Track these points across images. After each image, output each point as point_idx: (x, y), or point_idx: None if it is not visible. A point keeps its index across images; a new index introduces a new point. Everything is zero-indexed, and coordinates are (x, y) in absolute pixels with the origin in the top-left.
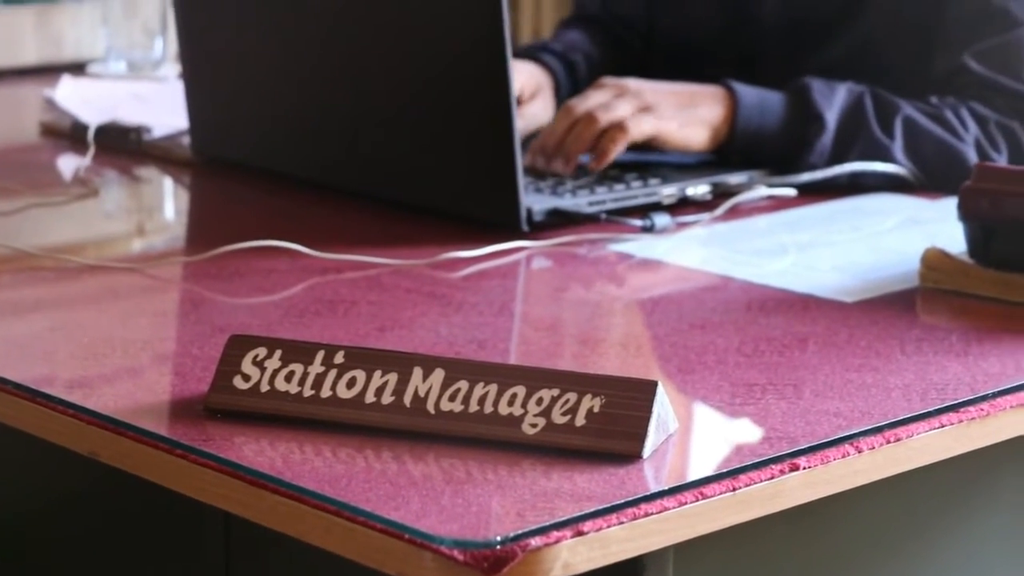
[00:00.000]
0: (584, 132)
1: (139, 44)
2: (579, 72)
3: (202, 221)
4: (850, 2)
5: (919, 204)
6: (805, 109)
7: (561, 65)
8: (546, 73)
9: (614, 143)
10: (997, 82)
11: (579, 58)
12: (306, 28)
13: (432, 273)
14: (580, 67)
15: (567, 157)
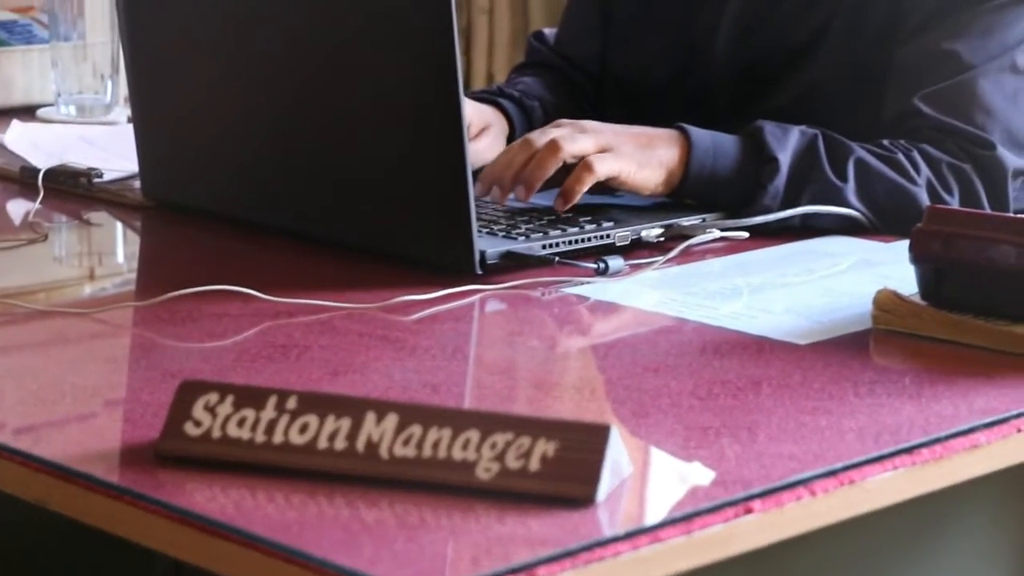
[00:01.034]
0: (547, 161)
1: (89, 88)
2: (535, 116)
3: (153, 265)
4: (801, 46)
5: (872, 246)
6: (758, 151)
7: (517, 109)
8: (500, 114)
9: (580, 183)
10: (948, 125)
11: (535, 104)
12: (257, 72)
13: (385, 317)
14: (536, 112)
15: (528, 186)
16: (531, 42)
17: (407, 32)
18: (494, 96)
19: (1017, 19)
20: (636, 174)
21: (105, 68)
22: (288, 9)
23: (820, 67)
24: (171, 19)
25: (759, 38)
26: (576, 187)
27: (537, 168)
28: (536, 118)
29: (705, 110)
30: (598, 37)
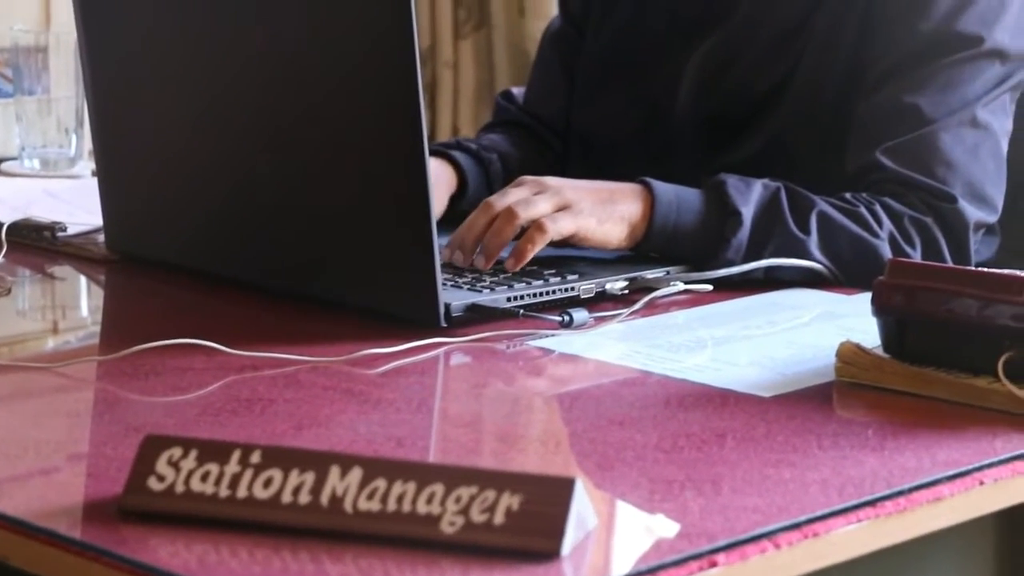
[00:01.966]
0: (503, 228)
1: (54, 142)
2: (493, 169)
3: (117, 319)
4: (763, 99)
5: (835, 299)
6: (722, 205)
7: (472, 162)
8: (447, 169)
9: (532, 243)
10: (910, 178)
11: (494, 156)
12: (222, 126)
13: (350, 370)
14: (495, 164)
15: (487, 254)
16: (499, 101)
17: (372, 87)
18: (446, 149)
19: (977, 74)
20: (596, 230)
21: (69, 122)
22: (253, 64)
23: (782, 120)
24: (136, 74)
25: (721, 92)
26: (527, 248)
27: (494, 236)
28: (494, 171)
29: (669, 164)
30: (564, 95)
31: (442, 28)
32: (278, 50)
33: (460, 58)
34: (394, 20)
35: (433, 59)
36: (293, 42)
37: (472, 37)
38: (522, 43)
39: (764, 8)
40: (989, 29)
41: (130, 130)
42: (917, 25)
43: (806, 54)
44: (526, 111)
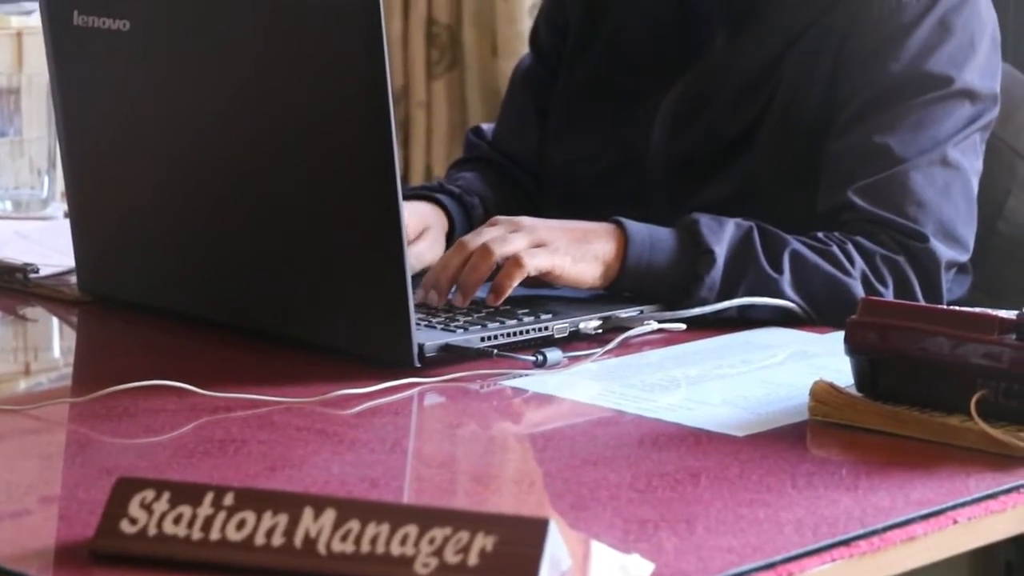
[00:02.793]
0: (480, 265)
1: (26, 183)
2: (475, 214)
3: (89, 361)
4: (735, 139)
5: (808, 338)
6: (694, 244)
7: (458, 206)
8: (439, 212)
9: (510, 278)
10: (881, 217)
11: (476, 200)
12: (195, 168)
13: (323, 411)
14: (477, 209)
15: (464, 291)
16: (469, 137)
17: (345, 127)
18: (433, 192)
19: (947, 114)
20: (571, 268)
21: (42, 163)
22: (225, 104)
23: (754, 160)
24: (108, 116)
25: (693, 132)
26: (506, 283)
27: (471, 273)
28: (476, 215)
29: (642, 204)
30: (535, 133)
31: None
32: (250, 91)
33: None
34: (367, 60)
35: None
36: (265, 82)
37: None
38: (495, 83)
39: (737, 50)
40: (959, 70)
41: (102, 171)
42: (888, 66)
43: (778, 95)
44: (496, 148)
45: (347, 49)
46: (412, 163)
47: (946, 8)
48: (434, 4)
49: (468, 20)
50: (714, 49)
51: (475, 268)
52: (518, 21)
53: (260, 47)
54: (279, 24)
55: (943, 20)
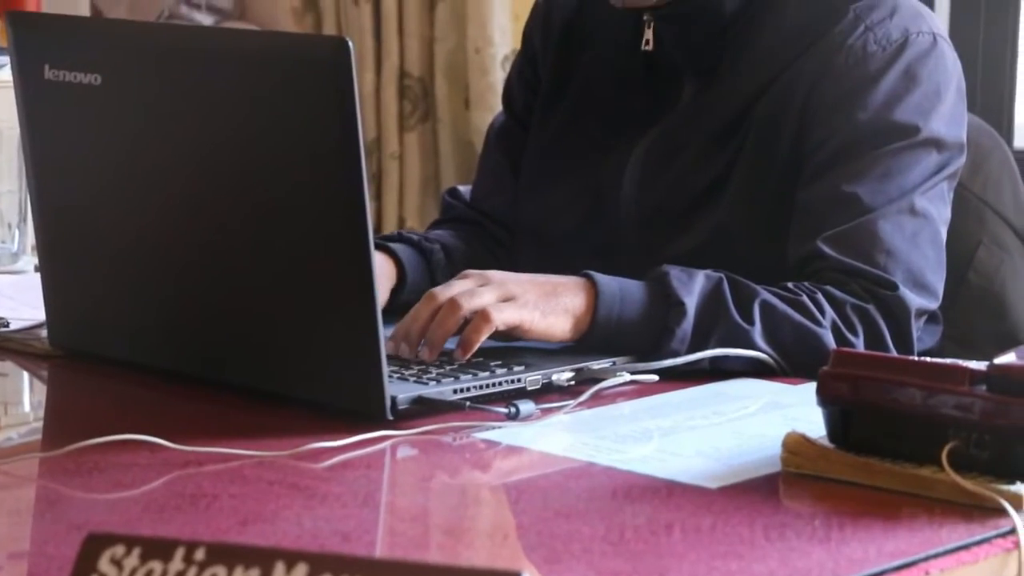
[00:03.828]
0: (447, 319)
1: None
2: (435, 259)
3: (60, 415)
4: (705, 190)
5: (780, 388)
6: (665, 296)
7: (413, 252)
8: (388, 260)
9: (478, 332)
10: (851, 266)
11: (436, 247)
12: (166, 221)
13: (295, 464)
14: (437, 254)
15: (431, 345)
16: (445, 198)
17: (317, 179)
18: (385, 241)
19: (914, 162)
20: (540, 322)
21: (12, 217)
22: (198, 159)
23: (724, 211)
24: (79, 169)
25: (664, 184)
26: (473, 337)
27: (438, 327)
28: (436, 260)
29: (614, 255)
30: (511, 189)
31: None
32: (223, 144)
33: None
34: (339, 113)
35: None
36: (238, 136)
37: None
38: (467, 135)
39: (705, 102)
40: (925, 119)
41: (73, 225)
42: (855, 115)
43: (747, 146)
44: (473, 207)
45: (319, 102)
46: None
47: (912, 58)
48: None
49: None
50: (683, 101)
51: (443, 322)
52: (490, 73)
53: (232, 100)
54: (251, 77)
55: (909, 70)
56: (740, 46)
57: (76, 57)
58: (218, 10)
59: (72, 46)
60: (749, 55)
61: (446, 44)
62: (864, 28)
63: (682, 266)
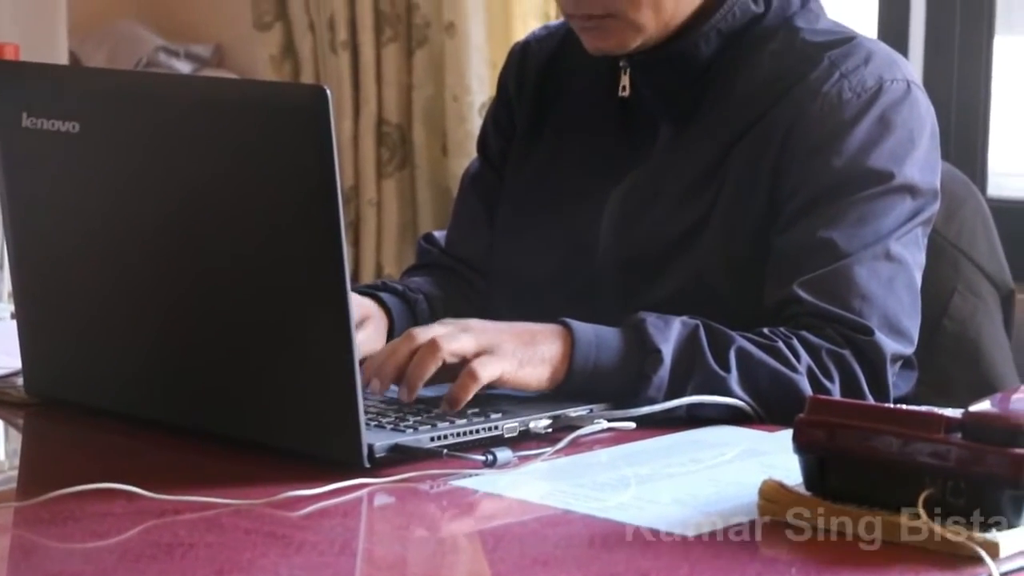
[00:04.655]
0: (427, 359)
1: None
2: (420, 309)
3: (35, 464)
4: (681, 237)
5: (757, 436)
6: (641, 343)
7: (399, 302)
8: (378, 306)
9: (465, 391)
10: (826, 311)
11: (420, 297)
12: (143, 269)
13: (272, 512)
14: (421, 304)
15: (410, 385)
16: (421, 244)
17: (294, 226)
18: (375, 290)
19: (889, 208)
20: (518, 372)
21: None
22: (176, 206)
23: (700, 258)
24: (56, 217)
25: (640, 230)
26: (461, 395)
27: (417, 367)
28: (420, 311)
29: (591, 302)
30: (486, 235)
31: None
32: (200, 191)
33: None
34: (317, 160)
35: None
36: (215, 183)
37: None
38: (445, 182)
39: (681, 148)
40: (899, 165)
41: (50, 273)
42: (830, 161)
43: (723, 192)
44: (448, 253)
45: (297, 150)
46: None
47: (886, 105)
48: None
49: (418, 120)
50: (659, 147)
51: (422, 362)
52: (468, 121)
53: (210, 149)
54: (229, 125)
55: (883, 116)
56: (716, 93)
57: (54, 105)
58: (197, 58)
59: (50, 94)
60: (725, 102)
61: (424, 92)
62: (839, 75)
63: (659, 312)
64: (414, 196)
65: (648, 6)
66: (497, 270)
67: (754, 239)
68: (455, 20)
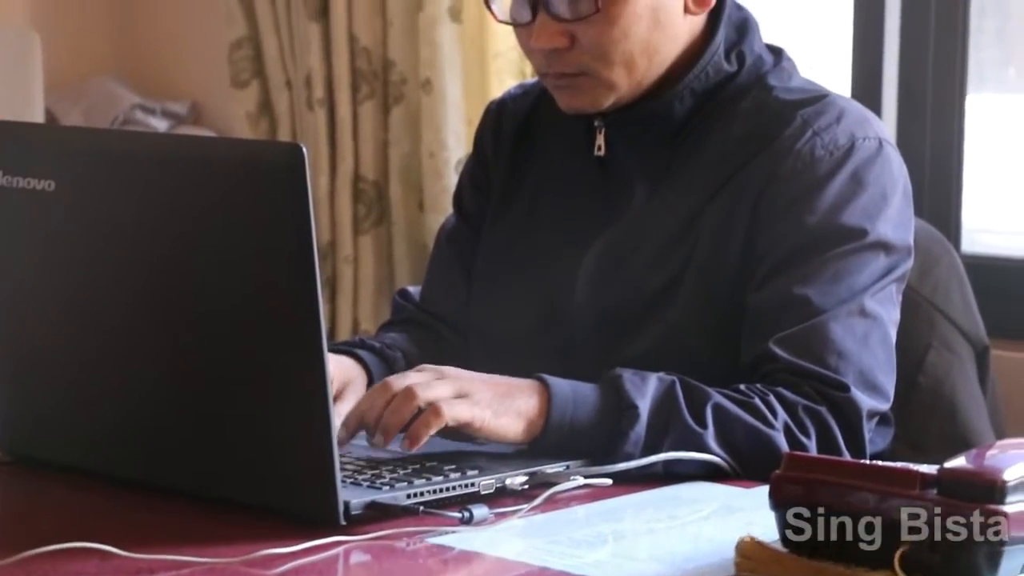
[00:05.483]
0: (402, 408)
1: None
2: (397, 367)
3: (9, 523)
4: (657, 293)
5: (734, 492)
6: (618, 400)
7: (378, 360)
8: (359, 367)
9: (427, 427)
10: (802, 368)
11: (398, 355)
12: (117, 328)
13: (248, 571)
14: (399, 362)
15: (385, 433)
16: (396, 300)
17: (270, 283)
18: (353, 348)
19: (863, 265)
20: (492, 422)
21: None
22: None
23: (677, 314)
24: (31, 276)
25: (616, 287)
26: (422, 431)
27: (393, 415)
28: (398, 368)
29: (567, 359)
30: (462, 291)
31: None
32: (176, 248)
33: (360, 253)
34: (293, 217)
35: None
36: (191, 241)
37: (372, 232)
38: (422, 238)
39: (656, 206)
40: (872, 222)
41: (25, 332)
42: (804, 219)
43: (698, 249)
44: (423, 309)
45: (274, 207)
46: (339, 318)
47: (858, 163)
48: (361, 161)
49: (395, 176)
50: (634, 205)
51: (397, 410)
52: (444, 177)
53: (187, 206)
54: (206, 183)
55: (856, 174)
56: (690, 151)
57: (29, 163)
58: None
59: (26, 152)
60: (699, 160)
61: (400, 148)
62: (812, 133)
63: (635, 368)
64: (391, 252)
65: (620, 64)
66: (473, 327)
67: (729, 296)
68: (431, 77)
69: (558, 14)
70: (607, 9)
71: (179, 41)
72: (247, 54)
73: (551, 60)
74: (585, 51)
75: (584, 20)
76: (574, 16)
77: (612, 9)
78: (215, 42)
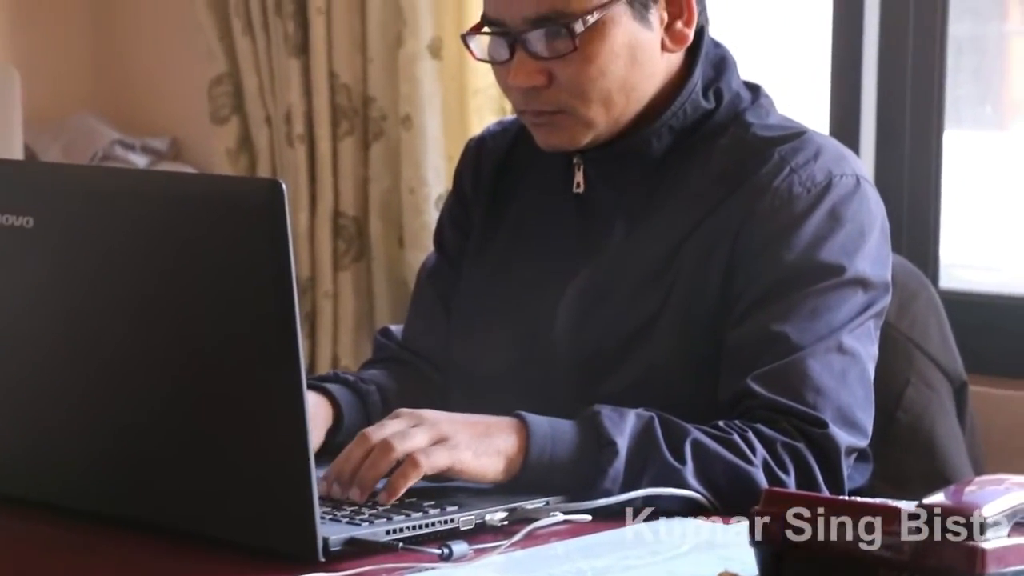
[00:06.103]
0: (379, 461)
1: None
2: (371, 400)
3: None
4: (636, 331)
5: (713, 528)
6: (596, 436)
7: (349, 394)
8: (324, 401)
9: (405, 478)
10: (781, 404)
11: (372, 388)
12: (95, 364)
13: None
14: (373, 395)
15: (362, 486)
16: (378, 339)
17: (249, 319)
18: (321, 382)
19: (841, 301)
20: (472, 463)
21: None
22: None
23: (655, 351)
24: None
25: (595, 324)
26: (400, 482)
27: (370, 469)
28: (372, 402)
29: (547, 395)
30: (443, 329)
31: (322, 259)
32: (155, 285)
33: (340, 289)
34: (272, 253)
35: (313, 290)
36: (171, 277)
37: (352, 268)
38: (402, 274)
39: (634, 243)
40: (850, 259)
41: (2, 369)
42: (782, 256)
43: (676, 286)
44: (405, 347)
45: (253, 243)
46: (319, 354)
47: (835, 200)
48: (341, 196)
49: (375, 212)
50: (612, 242)
51: (374, 464)
52: (424, 213)
53: (166, 243)
54: (185, 219)
55: (833, 211)
56: (669, 188)
57: (8, 200)
58: (153, 151)
59: (4, 188)
60: (677, 197)
61: (380, 184)
62: (789, 170)
63: (614, 405)
64: (370, 288)
65: (598, 102)
66: (454, 364)
67: (707, 333)
68: (411, 113)
69: (536, 52)
70: (584, 47)
71: (159, 77)
72: (227, 90)
73: (529, 98)
74: (563, 89)
75: (562, 58)
76: (552, 54)
77: (589, 47)
78: (195, 78)
